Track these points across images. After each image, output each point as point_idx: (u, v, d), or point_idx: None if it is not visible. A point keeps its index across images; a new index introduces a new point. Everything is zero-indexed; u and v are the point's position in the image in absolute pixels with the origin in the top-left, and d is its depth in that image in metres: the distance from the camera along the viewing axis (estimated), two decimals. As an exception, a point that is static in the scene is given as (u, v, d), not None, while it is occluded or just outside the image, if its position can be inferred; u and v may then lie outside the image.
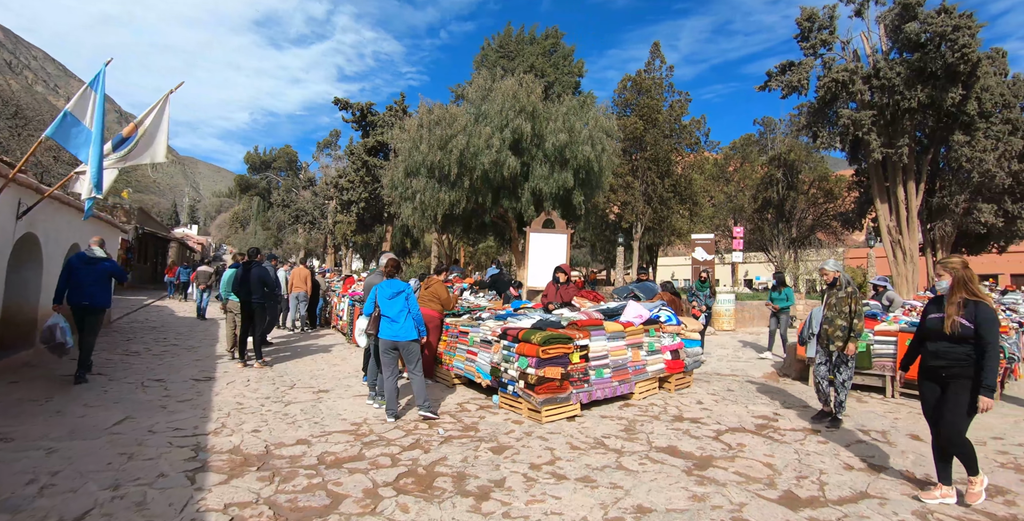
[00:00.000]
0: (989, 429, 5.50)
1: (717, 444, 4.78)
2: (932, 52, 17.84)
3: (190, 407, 5.50)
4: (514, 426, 5.10)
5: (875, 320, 7.67)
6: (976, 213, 21.25)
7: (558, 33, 29.23)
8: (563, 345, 5.39)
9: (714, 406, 6.19)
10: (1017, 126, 20.49)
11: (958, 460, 3.68)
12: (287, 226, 46.77)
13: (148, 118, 6.78)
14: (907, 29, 18.16)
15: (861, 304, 5.43)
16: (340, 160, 37.81)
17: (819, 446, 4.80)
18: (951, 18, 17.24)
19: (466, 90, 15.91)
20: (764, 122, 38.45)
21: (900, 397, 6.82)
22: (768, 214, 31.27)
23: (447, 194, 14.80)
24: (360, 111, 26.31)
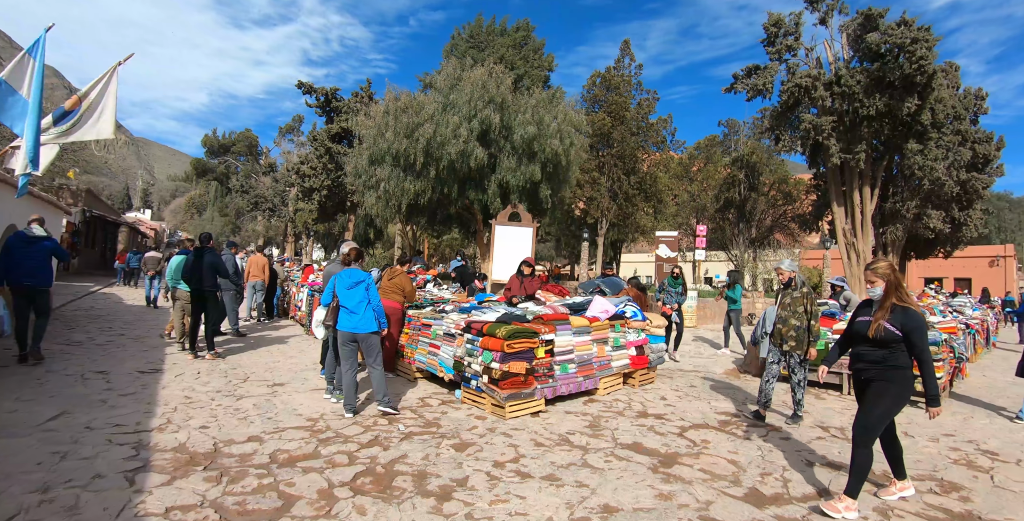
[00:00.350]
0: (940, 426, 5.65)
1: (682, 441, 4.76)
2: (891, 62, 18.41)
3: (133, 401, 5.16)
4: (477, 422, 4.97)
5: (833, 319, 7.85)
6: (925, 219, 22.16)
7: (529, 26, 29.02)
8: (528, 339, 5.28)
9: (678, 402, 6.19)
10: (966, 137, 21.43)
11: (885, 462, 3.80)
12: (246, 213, 45.25)
13: (93, 91, 6.32)
14: (868, 39, 18.68)
15: (816, 304, 5.42)
16: (303, 146, 36.67)
17: (782, 443, 4.84)
18: (910, 31, 17.80)
19: (435, 79, 15.59)
20: (728, 124, 39.20)
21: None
22: (729, 214, 31.93)
23: (412, 184, 14.49)
24: (325, 96, 25.52)
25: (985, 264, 36.28)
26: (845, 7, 21.44)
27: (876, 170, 21.64)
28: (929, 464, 4.49)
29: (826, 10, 21.66)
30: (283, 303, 13.36)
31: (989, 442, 5.21)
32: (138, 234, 40.43)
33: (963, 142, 21.42)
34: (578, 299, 7.17)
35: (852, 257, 21.89)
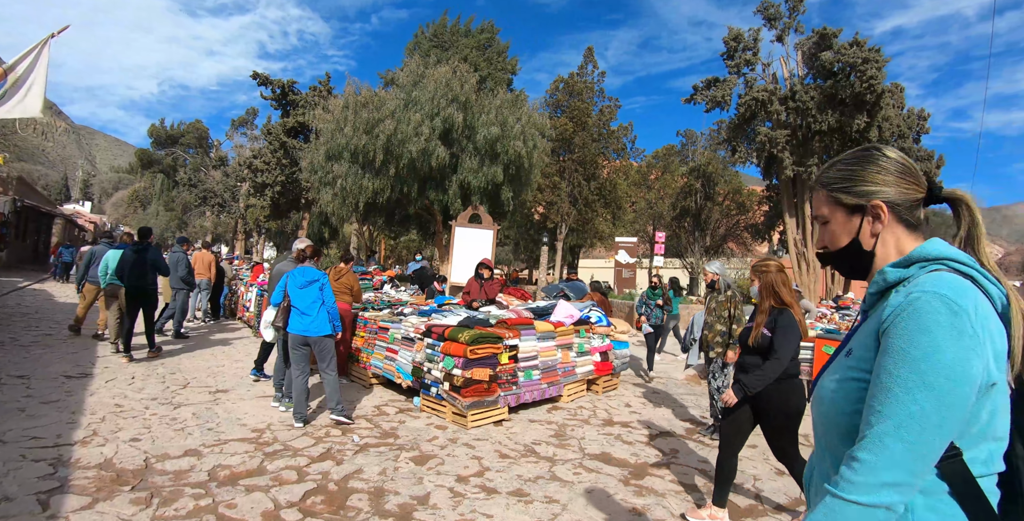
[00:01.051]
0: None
1: (651, 450, 4.62)
2: (843, 81, 19.13)
3: (56, 410, 4.66)
4: (437, 432, 4.70)
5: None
6: (869, 230, 23.07)
7: (494, 28, 28.85)
8: (492, 345, 5.05)
9: (643, 409, 6.08)
10: (909, 155, 22.46)
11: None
12: (193, 208, 43.30)
13: (21, 65, 5.74)
14: (822, 57, 19.36)
15: (741, 308, 5.19)
16: (256, 140, 35.37)
17: (748, 451, 4.76)
18: (862, 51, 18.53)
19: (397, 75, 15.19)
20: (686, 134, 40.03)
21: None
22: (685, 222, 32.57)
23: (371, 181, 14.03)
24: (281, 88, 24.54)
25: (921, 275, 38.10)
26: (801, 26, 22.20)
27: (826, 183, 22.42)
28: None
29: (783, 28, 22.37)
30: (230, 303, 12.69)
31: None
32: (75, 227, 38.08)
33: (906, 159, 22.41)
34: (542, 303, 6.99)
35: (803, 266, 22.61)
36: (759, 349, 3.22)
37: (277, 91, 24.87)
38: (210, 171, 41.46)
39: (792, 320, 3.16)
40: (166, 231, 49.24)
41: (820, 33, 20.26)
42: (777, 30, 22.50)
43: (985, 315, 0.91)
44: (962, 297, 0.90)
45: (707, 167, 31.62)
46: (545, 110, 19.72)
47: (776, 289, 3.28)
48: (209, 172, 41.48)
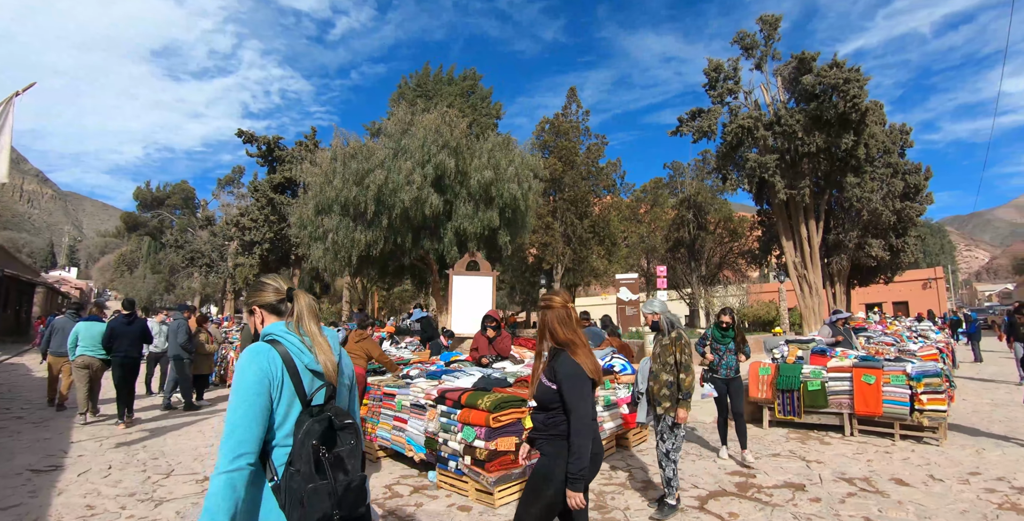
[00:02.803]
0: (959, 463, 5.18)
1: (708, 517, 4.03)
2: (826, 102, 19.31)
3: (13, 518, 4.02)
4: (461, 514, 4.08)
5: (824, 356, 7.41)
6: (867, 248, 22.95)
7: (476, 75, 29.33)
8: (516, 409, 4.49)
9: (680, 463, 5.46)
10: (897, 169, 22.58)
11: None
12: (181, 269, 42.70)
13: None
14: (804, 81, 19.60)
15: (687, 354, 4.29)
16: (243, 198, 35.22)
17: (813, 506, 4.21)
18: (842, 71, 18.78)
19: (385, 125, 15.03)
20: (673, 166, 40.36)
21: (860, 434, 6.51)
22: (680, 253, 32.34)
23: (363, 234, 13.63)
24: (267, 145, 24.51)
25: (919, 287, 37.98)
26: (777, 53, 22.63)
27: (819, 204, 22.38)
28: (978, 514, 4.00)
29: (760, 56, 22.81)
30: (220, 369, 12.01)
31: (1018, 477, 4.84)
32: (58, 295, 37.24)
33: (895, 174, 22.55)
34: (558, 352, 6.46)
35: (804, 289, 22.23)
36: (538, 401, 2.55)
37: (263, 148, 24.85)
38: (197, 231, 41.14)
39: (571, 363, 2.44)
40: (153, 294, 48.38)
41: (799, 58, 20.60)
42: (755, 59, 22.90)
43: (271, 359, 1.68)
44: (258, 350, 1.69)
45: (697, 197, 31.67)
46: (534, 152, 19.68)
47: (551, 327, 2.55)
48: (196, 232, 41.14)
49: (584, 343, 2.53)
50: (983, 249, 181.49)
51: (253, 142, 24.79)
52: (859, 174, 20.77)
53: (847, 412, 6.65)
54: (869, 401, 6.42)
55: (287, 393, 1.66)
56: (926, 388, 6.20)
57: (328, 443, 1.65)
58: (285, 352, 1.70)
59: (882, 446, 6.02)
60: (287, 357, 1.69)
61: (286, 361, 1.68)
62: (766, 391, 7.22)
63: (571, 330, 2.52)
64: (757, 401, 7.32)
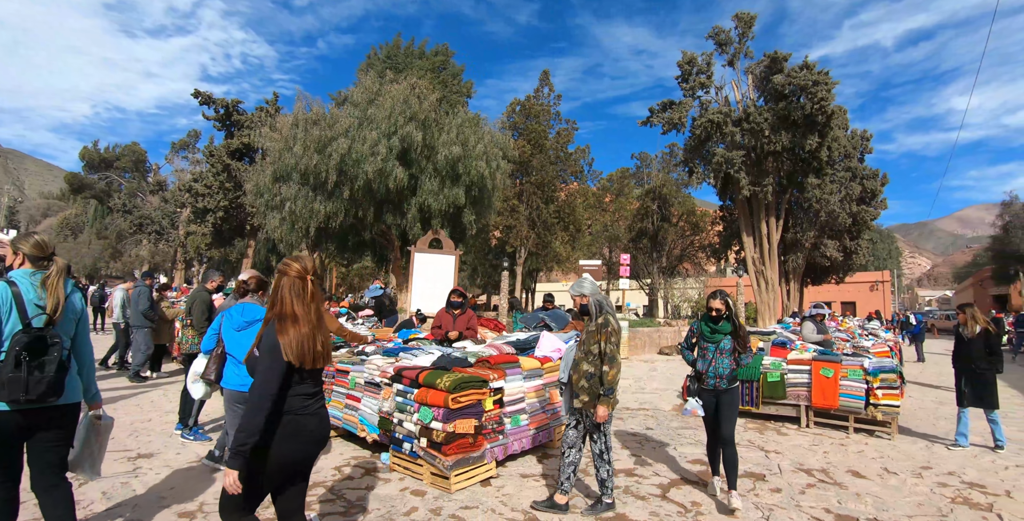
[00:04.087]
0: (912, 458, 5.27)
1: (670, 505, 3.92)
2: (794, 102, 19.56)
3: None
4: (415, 500, 3.84)
5: (785, 349, 7.45)
6: (823, 248, 23.61)
7: (448, 51, 28.56)
8: (477, 390, 4.26)
9: (641, 451, 5.38)
10: (856, 173, 23.18)
11: None
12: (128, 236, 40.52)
13: None
14: (774, 80, 19.77)
15: (614, 343, 3.75)
16: (198, 164, 33.51)
17: (774, 496, 4.18)
18: (812, 73, 19.01)
19: (351, 93, 14.33)
20: (641, 157, 40.57)
21: (815, 426, 6.57)
22: (642, 244, 32.63)
23: (323, 205, 13.04)
24: (225, 108, 23.21)
25: (867, 289, 39.53)
26: (750, 51, 22.78)
27: (780, 202, 22.81)
28: (933, 507, 4.06)
29: (733, 53, 22.92)
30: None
31: (968, 473, 4.96)
32: (-9, 259, 34.91)
33: (853, 178, 23.15)
34: (522, 336, 6.26)
35: (761, 284, 22.73)
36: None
37: (221, 111, 23.58)
38: (147, 196, 39.12)
39: (272, 338, 2.23)
40: (99, 261, 45.98)
41: (771, 57, 20.76)
42: (728, 55, 23.01)
43: (4, 293, 2.46)
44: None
45: (662, 189, 31.93)
46: (504, 132, 19.28)
47: (281, 294, 2.32)
48: (146, 198, 39.12)
49: (308, 322, 2.26)
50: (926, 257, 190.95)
51: (211, 104, 23.48)
52: (820, 176, 21.22)
53: (804, 404, 6.70)
54: (827, 394, 6.47)
55: (12, 317, 2.44)
56: (882, 383, 6.27)
57: (36, 353, 2.41)
58: (17, 291, 2.48)
59: (837, 438, 6.07)
60: (17, 294, 2.48)
61: (15, 296, 2.47)
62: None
63: (302, 304, 2.30)
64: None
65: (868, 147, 24.57)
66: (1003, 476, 4.83)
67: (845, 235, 24.16)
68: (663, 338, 16.52)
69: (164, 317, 8.86)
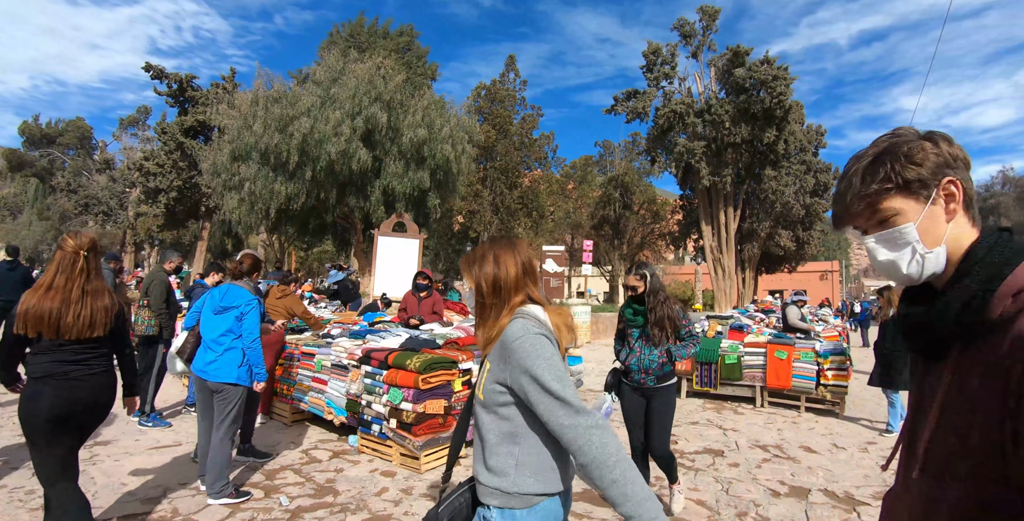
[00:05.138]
0: (859, 434, 5.53)
1: (633, 486, 4.04)
2: (755, 96, 20.02)
3: None
4: (386, 481, 3.85)
5: (742, 332, 7.73)
6: (777, 238, 24.38)
7: (413, 32, 28.02)
8: (446, 371, 4.28)
9: (605, 432, 5.51)
10: (810, 167, 23.94)
11: None
12: (73, 217, 38.56)
13: None
14: (736, 73, 20.18)
15: None
16: (149, 142, 32.03)
17: (733, 470, 4.38)
18: (772, 68, 19.47)
19: (314, 71, 13.93)
20: (604, 145, 40.87)
21: (770, 406, 6.86)
22: (604, 231, 33.05)
23: (283, 185, 12.72)
24: (179, 83, 22.15)
25: (817, 278, 41.15)
26: (713, 44, 23.16)
27: (738, 193, 23.43)
28: (878, 479, 4.32)
29: (697, 45, 23.26)
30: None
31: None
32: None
33: (808, 171, 23.90)
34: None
35: (719, 271, 23.40)
36: None
37: (174, 86, 22.54)
38: (93, 175, 37.20)
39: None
40: (41, 243, 43.64)
41: (734, 51, 21.15)
42: (692, 47, 23.33)
43: None
44: None
45: (625, 177, 32.32)
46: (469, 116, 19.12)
47: (49, 265, 2.51)
48: (92, 176, 37.19)
49: (62, 294, 2.42)
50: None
51: (163, 79, 22.40)
52: (777, 168, 21.87)
53: (759, 385, 6.98)
54: (780, 375, 6.75)
55: None
56: (832, 365, 6.59)
57: None
58: None
59: (789, 417, 6.36)
60: None
61: None
62: (686, 363, 7.44)
63: (65, 277, 2.44)
64: (677, 372, 7.54)
65: (822, 142, 25.35)
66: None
67: (798, 226, 24.99)
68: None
69: (126, 301, 8.50)
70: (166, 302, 5.26)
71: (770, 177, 21.81)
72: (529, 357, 1.33)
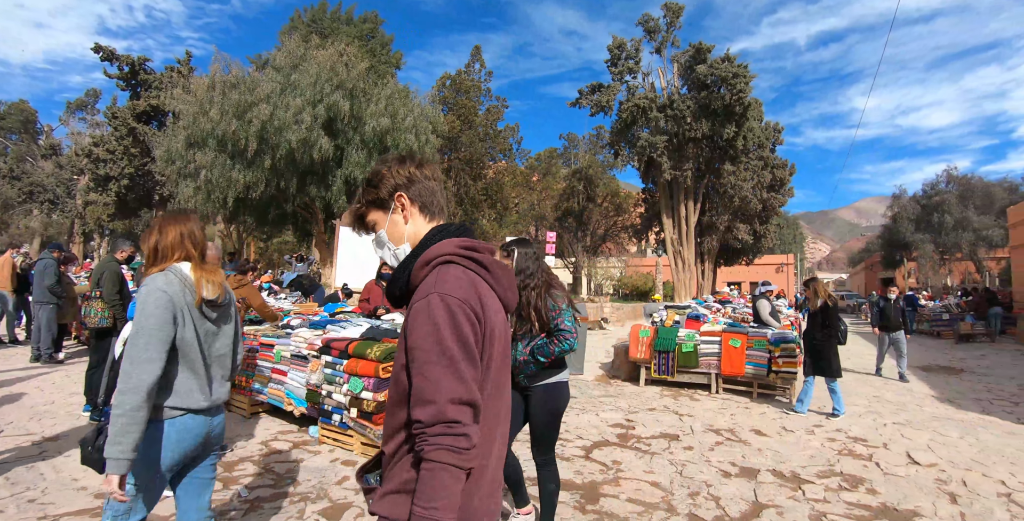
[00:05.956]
0: (807, 419, 5.79)
1: (593, 465, 4.16)
2: (715, 92, 20.44)
3: None
4: (346, 469, 3.86)
5: (698, 321, 7.97)
6: (735, 231, 25.02)
7: (377, 19, 27.49)
8: (410, 358, 4.29)
9: (566, 417, 5.62)
10: (768, 163, 24.61)
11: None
12: (17, 205, 36.58)
13: None
14: (698, 70, 20.55)
15: None
16: (98, 127, 30.61)
17: (687, 453, 4.55)
18: (732, 66, 19.89)
19: (274, 56, 13.53)
20: (568, 137, 41.09)
21: (724, 393, 7.11)
22: (568, 223, 33.32)
23: (242, 173, 12.37)
24: (130, 66, 21.18)
25: (773, 270, 42.45)
26: (677, 40, 23.51)
27: (698, 187, 23.94)
28: (823, 458, 4.55)
29: (661, 41, 23.57)
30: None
31: (852, 430, 5.52)
32: None
33: (765, 166, 24.58)
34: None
35: (679, 263, 23.93)
36: None
37: (125, 69, 21.57)
38: (39, 161, 35.34)
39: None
40: (-8, 234, 41.32)
41: (696, 47, 21.51)
42: (656, 43, 23.64)
43: None
44: None
45: (588, 169, 32.60)
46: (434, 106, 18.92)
47: None
48: (37, 162, 35.33)
49: None
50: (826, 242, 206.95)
51: (113, 61, 21.40)
52: (736, 163, 22.42)
53: (714, 372, 7.22)
54: (734, 362, 7.00)
55: None
56: (782, 353, 6.86)
57: None
58: None
59: (742, 403, 6.60)
60: None
61: None
62: (645, 352, 7.64)
63: None
64: (636, 361, 7.74)
65: (779, 138, 26.06)
66: (882, 432, 5.45)
67: (756, 220, 25.69)
68: (587, 314, 17.08)
69: (70, 293, 8.13)
70: (119, 293, 5.10)
71: (729, 172, 22.34)
72: (136, 305, 1.78)
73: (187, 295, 1.83)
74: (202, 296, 1.85)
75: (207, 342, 1.90)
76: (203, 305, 1.86)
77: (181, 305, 1.80)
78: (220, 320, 1.98)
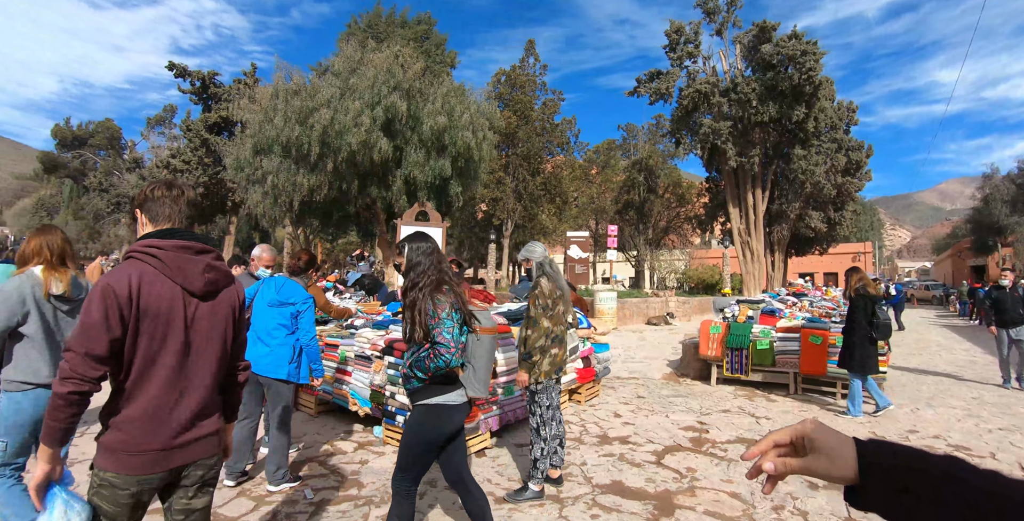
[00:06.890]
0: (896, 420, 5.32)
1: (666, 472, 3.93)
2: (782, 73, 19.36)
3: None
4: (411, 471, 3.81)
5: (774, 317, 7.49)
6: (807, 219, 23.71)
7: (431, 20, 27.79)
8: (471, 359, 4.20)
9: (634, 419, 5.41)
10: (841, 145, 23.15)
11: None
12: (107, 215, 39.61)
13: None
14: (763, 50, 19.53)
15: (540, 306, 3.46)
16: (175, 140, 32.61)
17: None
18: (800, 43, 18.77)
19: (332, 62, 13.88)
20: (627, 128, 40.21)
21: (803, 393, 6.66)
22: (628, 215, 32.62)
23: (306, 177, 12.75)
24: (201, 81, 22.49)
25: (848, 260, 40.01)
26: (738, 21, 22.45)
27: (766, 173, 22.82)
28: None
29: (721, 22, 22.58)
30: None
31: (952, 435, 5.03)
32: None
33: (839, 149, 23.12)
34: (512, 306, 6.19)
35: (747, 254, 22.92)
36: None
37: (197, 84, 22.84)
38: (124, 174, 38.08)
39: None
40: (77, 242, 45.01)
41: (760, 26, 20.49)
42: (716, 24, 22.68)
43: None
44: None
45: (649, 160, 31.77)
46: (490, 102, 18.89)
47: None
48: (123, 175, 38.07)
49: None
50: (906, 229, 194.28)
51: (186, 77, 22.71)
52: (806, 147, 21.20)
53: (793, 371, 6.76)
54: (815, 361, 6.52)
55: None
56: (870, 349, 6.31)
57: None
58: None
59: (824, 404, 6.16)
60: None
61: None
62: (716, 349, 7.26)
63: None
64: (707, 358, 7.37)
65: (854, 118, 24.48)
66: (987, 439, 4.92)
67: (829, 206, 24.26)
68: (651, 309, 16.65)
69: None
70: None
71: (799, 156, 21.14)
72: None
73: (37, 290, 2.42)
74: (48, 291, 2.43)
75: (60, 328, 2.49)
76: (51, 298, 2.45)
77: (31, 299, 2.40)
78: (74, 311, 2.55)
